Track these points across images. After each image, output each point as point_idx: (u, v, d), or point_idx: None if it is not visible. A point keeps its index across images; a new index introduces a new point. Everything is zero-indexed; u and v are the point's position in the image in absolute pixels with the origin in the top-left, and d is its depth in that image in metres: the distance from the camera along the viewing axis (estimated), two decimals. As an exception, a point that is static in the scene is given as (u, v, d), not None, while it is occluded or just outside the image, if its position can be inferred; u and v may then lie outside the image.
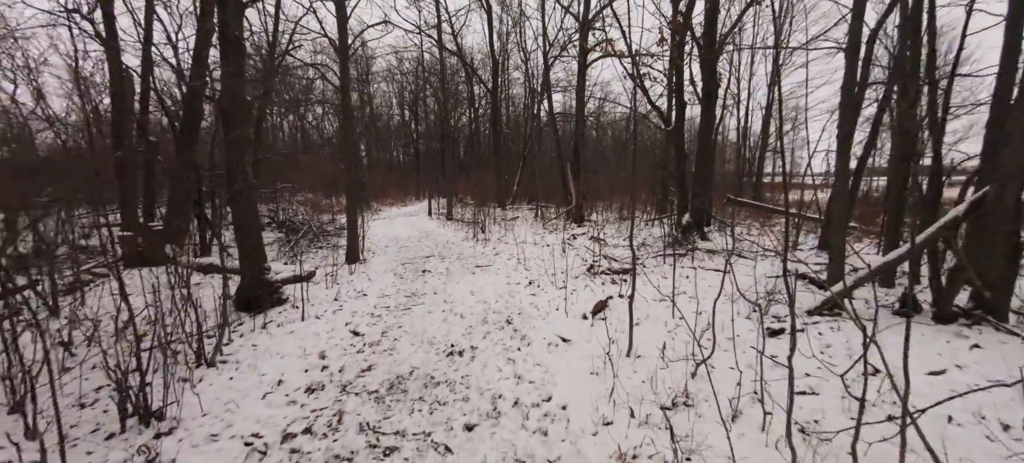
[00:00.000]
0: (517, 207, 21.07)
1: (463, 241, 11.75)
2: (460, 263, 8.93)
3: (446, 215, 16.61)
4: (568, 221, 14.88)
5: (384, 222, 16.86)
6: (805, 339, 4.31)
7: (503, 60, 23.63)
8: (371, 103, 33.39)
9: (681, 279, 7.26)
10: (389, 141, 38.00)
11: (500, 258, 9.34)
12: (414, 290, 6.90)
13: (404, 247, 11.05)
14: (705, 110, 9.51)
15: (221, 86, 5.61)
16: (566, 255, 9.52)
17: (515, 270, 8.14)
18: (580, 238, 11.82)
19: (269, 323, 5.16)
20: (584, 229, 13.29)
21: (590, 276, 7.45)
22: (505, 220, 16.24)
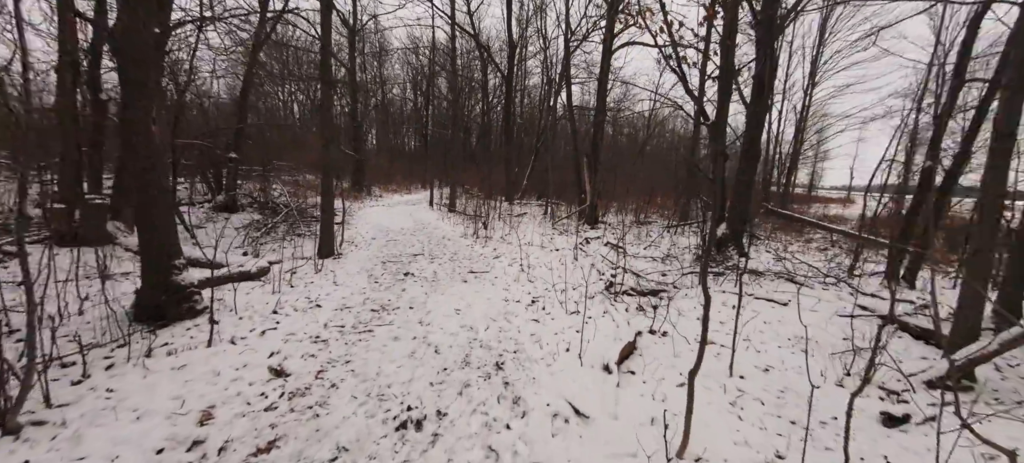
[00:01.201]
0: (525, 202, 19.41)
1: (461, 238, 10.14)
2: (452, 266, 7.32)
3: (448, 206, 15.01)
4: (580, 221, 13.20)
5: (382, 209, 15.32)
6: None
7: (521, 47, 21.87)
8: (383, 86, 31.88)
9: (723, 307, 5.58)
10: (401, 127, 36.46)
11: (500, 263, 7.71)
12: (386, 302, 5.31)
13: (393, 240, 9.47)
14: (756, 99, 7.75)
15: (116, 16, 4.02)
16: (578, 264, 7.86)
17: (516, 281, 6.50)
18: (594, 243, 10.14)
19: (161, 347, 3.60)
20: (598, 232, 11.60)
21: (609, 296, 5.79)
22: (511, 216, 14.60)
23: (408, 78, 32.33)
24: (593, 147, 13.20)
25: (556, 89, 20.24)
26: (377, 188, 20.96)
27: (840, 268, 7.85)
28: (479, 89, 25.47)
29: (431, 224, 12.14)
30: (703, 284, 2.73)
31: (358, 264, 7.09)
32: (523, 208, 17.33)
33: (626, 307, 5.40)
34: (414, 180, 24.85)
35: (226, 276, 5.50)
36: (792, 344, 4.48)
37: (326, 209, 7.27)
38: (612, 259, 8.16)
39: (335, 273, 6.46)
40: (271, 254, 7.44)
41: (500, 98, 26.65)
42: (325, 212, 7.28)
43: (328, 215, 7.28)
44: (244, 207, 11.70)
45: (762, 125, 7.97)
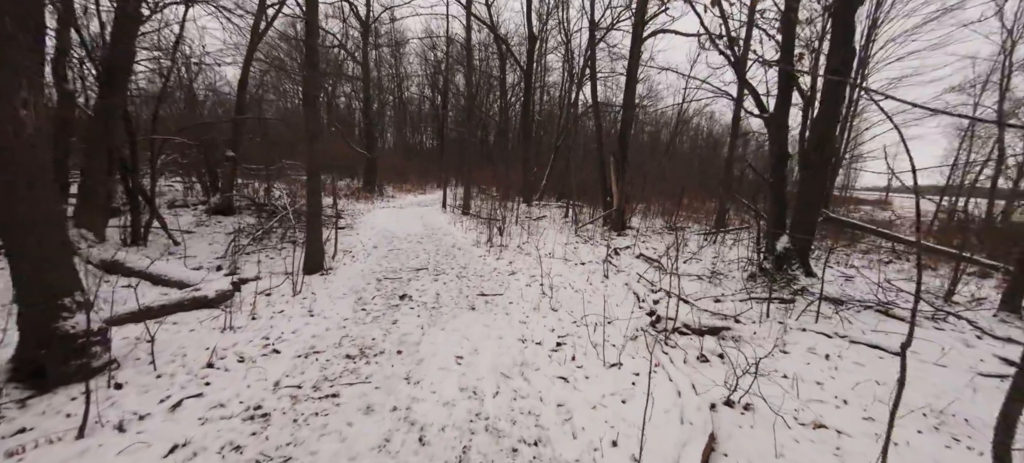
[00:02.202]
0: (544, 204, 18.02)
1: (473, 247, 8.83)
2: (459, 286, 6.02)
3: (462, 208, 13.75)
4: (605, 227, 11.77)
5: (392, 211, 14.15)
6: None
7: (541, 41, 20.44)
8: (401, 84, 30.87)
9: (813, 356, 4.12)
10: (420, 125, 35.43)
11: (517, 281, 6.38)
12: (368, 342, 4.03)
13: (395, 250, 8.23)
14: (830, 85, 6.19)
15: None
16: (610, 283, 6.47)
17: (536, 309, 5.15)
18: (624, 254, 8.72)
19: (11, 437, 2.38)
20: (627, 241, 10.16)
21: (657, 336, 4.39)
22: (530, 219, 13.25)
23: (426, 75, 31.22)
24: (620, 146, 11.73)
25: (578, 83, 18.79)
26: (390, 188, 19.87)
27: (935, 294, 6.25)
28: (497, 86, 24.15)
29: (441, 229, 10.88)
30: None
31: (348, 283, 5.85)
32: (542, 210, 15.97)
33: (683, 354, 3.99)
34: (430, 179, 23.72)
35: (172, 305, 4.31)
36: (937, 425, 3.02)
37: (312, 217, 6.06)
38: (651, 278, 6.74)
39: (316, 297, 5.22)
40: (254, 267, 6.27)
41: (519, 95, 25.29)
42: (311, 220, 6.07)
43: (315, 224, 6.06)
44: (241, 209, 10.66)
45: (837, 118, 6.41)
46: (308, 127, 5.89)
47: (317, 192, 6.02)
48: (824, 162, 6.52)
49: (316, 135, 5.86)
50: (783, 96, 6.99)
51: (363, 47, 17.79)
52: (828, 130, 6.43)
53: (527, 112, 17.77)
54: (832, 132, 6.43)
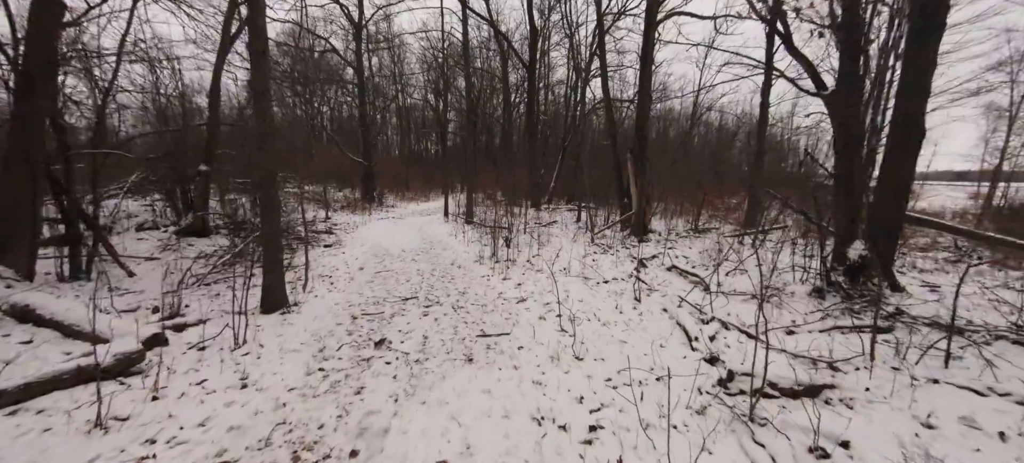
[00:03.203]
0: (554, 207, 16.61)
1: (475, 264, 7.46)
2: (455, 322, 4.65)
3: (466, 217, 12.40)
4: (625, 232, 10.34)
5: (390, 223, 12.84)
6: None
7: (544, 36, 19.06)
8: (403, 89, 29.67)
9: (969, 431, 2.69)
10: (423, 132, 34.18)
11: (528, 311, 4.99)
12: (310, 438, 2.67)
13: (384, 272, 6.88)
14: (919, 45, 4.73)
15: None
16: (645, 311, 5.05)
17: (555, 360, 3.74)
18: (653, 266, 7.29)
19: None
20: (652, 248, 8.73)
21: (733, 406, 2.97)
22: (539, 226, 11.86)
23: (428, 79, 29.99)
24: (638, 141, 10.29)
25: (585, 78, 17.37)
26: (391, 197, 18.60)
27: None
28: (500, 84, 22.82)
29: (441, 242, 9.53)
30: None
31: (312, 325, 4.51)
32: (552, 214, 14.56)
33: (788, 447, 2.56)
34: (433, 186, 22.43)
35: (42, 382, 3.00)
36: None
37: (268, 243, 4.73)
38: (694, 300, 5.30)
39: (263, 349, 3.88)
40: (209, 303, 4.96)
41: (522, 96, 23.95)
42: (267, 247, 4.74)
43: (271, 251, 4.73)
44: (218, 229, 9.42)
45: (928, 87, 4.92)
46: (257, 128, 4.57)
47: (273, 211, 4.69)
48: (912, 145, 5.05)
49: (266, 138, 4.53)
50: (848, 67, 5.53)
51: (357, 51, 16.56)
52: (917, 103, 4.95)
53: (532, 111, 16.39)
54: (922, 106, 4.95)
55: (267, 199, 4.69)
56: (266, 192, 4.68)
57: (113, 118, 8.59)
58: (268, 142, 4.59)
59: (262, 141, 4.57)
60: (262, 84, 4.55)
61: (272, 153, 4.66)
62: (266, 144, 4.58)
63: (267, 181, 4.65)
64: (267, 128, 4.59)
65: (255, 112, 4.57)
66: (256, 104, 4.56)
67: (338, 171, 16.98)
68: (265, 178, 4.64)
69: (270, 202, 4.69)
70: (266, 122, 4.58)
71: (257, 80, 4.54)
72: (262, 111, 4.56)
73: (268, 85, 4.63)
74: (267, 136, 4.57)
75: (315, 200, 14.24)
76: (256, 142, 4.58)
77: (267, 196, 4.69)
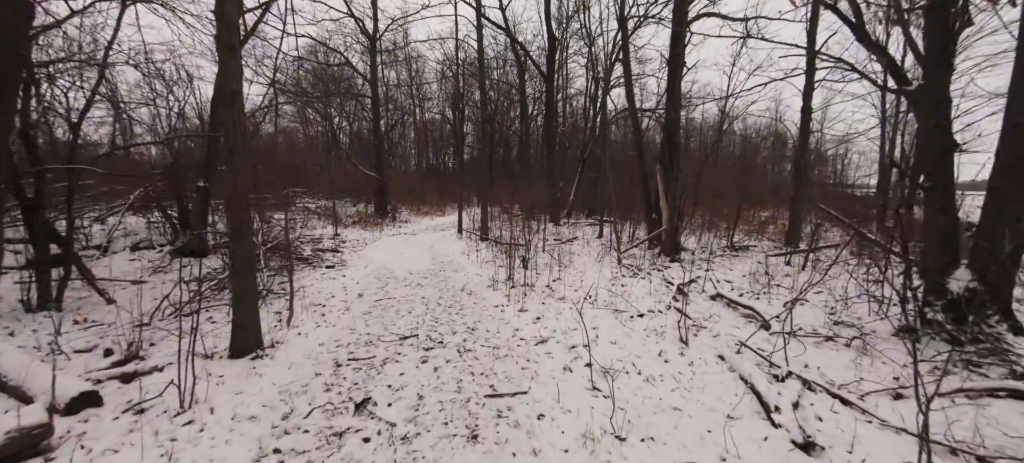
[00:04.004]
0: (574, 222, 15.61)
1: (488, 290, 6.52)
2: (458, 372, 3.70)
3: (480, 233, 11.51)
4: (655, 251, 9.26)
5: (401, 239, 12.04)
6: None
7: (561, 49, 18.27)
8: (421, 103, 29.28)
9: None
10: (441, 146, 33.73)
11: (550, 358, 4.01)
12: None
13: (385, 300, 6.00)
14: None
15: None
16: (692, 352, 4.01)
17: (588, 442, 2.73)
18: (693, 293, 6.21)
19: None
20: (689, 270, 7.64)
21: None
22: (560, 242, 10.88)
23: (446, 93, 29.52)
24: (668, 151, 9.25)
25: (605, 86, 16.44)
26: (405, 211, 17.89)
27: None
28: (516, 96, 22.10)
29: (452, 262, 8.64)
30: None
31: (285, 375, 3.62)
32: (572, 230, 13.57)
33: None
34: (449, 200, 21.70)
35: None
36: None
37: (237, 271, 3.90)
38: (755, 344, 4.23)
39: (212, 416, 3.01)
40: (186, 339, 4.16)
41: (540, 107, 23.18)
42: (236, 277, 3.90)
43: (241, 281, 3.89)
44: (217, 249, 8.75)
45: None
46: (227, 139, 3.77)
47: (243, 237, 3.86)
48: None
49: (236, 150, 3.72)
50: (938, 54, 4.45)
51: (371, 63, 16.06)
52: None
53: (550, 122, 15.51)
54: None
55: (236, 223, 3.87)
56: (235, 214, 3.86)
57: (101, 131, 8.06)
58: (239, 155, 3.78)
59: (232, 154, 3.76)
60: (233, 84, 3.76)
61: (244, 168, 3.85)
62: (237, 157, 3.77)
63: (236, 201, 3.83)
64: (239, 138, 3.78)
65: (227, 119, 3.77)
66: (226, 109, 3.77)
67: (352, 186, 16.39)
68: (233, 197, 3.82)
69: (239, 227, 3.86)
70: (238, 131, 3.78)
71: (226, 80, 3.75)
72: (233, 118, 3.76)
73: (240, 87, 3.83)
74: (238, 148, 3.77)
75: (326, 216, 13.59)
76: (226, 155, 3.78)
77: (236, 219, 3.86)
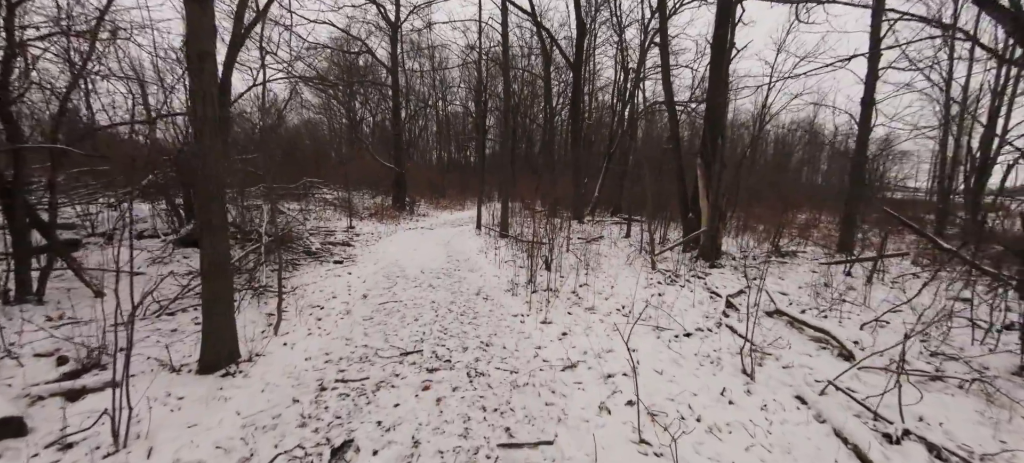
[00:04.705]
0: (599, 219, 14.66)
1: (507, 294, 5.73)
2: (466, 404, 2.93)
3: (500, 230, 10.73)
4: (692, 254, 8.28)
5: (417, 234, 11.38)
6: None
7: (591, 34, 17.24)
8: (445, 93, 28.68)
9: None
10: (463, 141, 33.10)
11: (580, 390, 3.19)
12: None
13: (391, 303, 5.29)
14: None
15: None
16: (761, 391, 3.11)
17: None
18: (742, 304, 5.25)
19: None
20: (731, 278, 6.68)
21: None
22: (584, 241, 10.01)
23: (469, 86, 28.78)
24: (709, 144, 8.23)
25: (636, 77, 15.38)
26: (424, 204, 17.28)
27: None
28: (541, 88, 21.18)
29: (469, 261, 7.88)
30: None
31: (256, 401, 2.93)
32: (597, 228, 12.65)
33: None
34: (469, 194, 21.02)
35: None
36: None
37: (208, 271, 3.22)
38: (844, 383, 3.30)
39: (151, 457, 2.32)
40: (164, 341, 3.55)
41: (566, 95, 22.16)
42: (207, 278, 3.23)
43: (213, 283, 3.22)
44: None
45: None
46: (195, 114, 3.08)
47: (214, 233, 3.18)
48: None
49: (203, 124, 3.03)
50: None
51: (392, 51, 15.43)
52: None
53: (576, 114, 14.56)
54: None
55: (206, 214, 3.18)
56: (205, 204, 3.17)
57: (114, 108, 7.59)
58: (210, 133, 3.09)
59: (200, 130, 3.08)
60: (202, 43, 3.06)
61: (215, 147, 3.16)
62: (206, 135, 3.08)
63: (207, 188, 3.14)
64: (209, 111, 3.09)
65: (192, 91, 3.08)
66: (193, 75, 3.08)
67: (370, 177, 15.86)
68: (203, 184, 3.14)
69: (210, 218, 3.17)
70: (207, 102, 3.08)
71: (193, 38, 3.05)
72: (201, 86, 3.07)
73: (211, 48, 3.13)
74: (207, 123, 3.07)
75: (343, 207, 13.06)
76: (198, 133, 3.09)
77: (206, 210, 3.18)
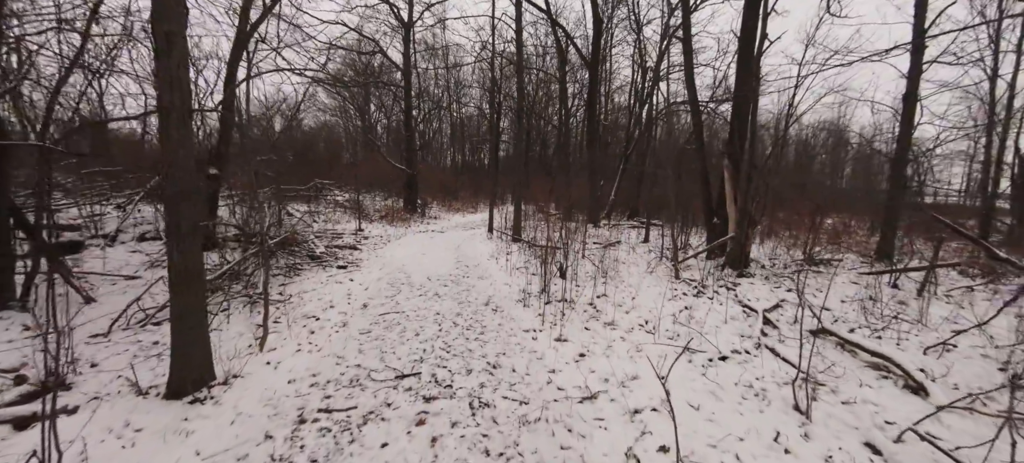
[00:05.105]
0: (615, 223, 14.06)
1: (518, 306, 5.24)
2: (466, 445, 2.45)
3: (512, 234, 10.25)
4: (717, 262, 7.65)
5: (426, 237, 10.98)
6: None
7: (607, 30, 16.68)
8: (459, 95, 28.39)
9: None
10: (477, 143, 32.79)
11: (602, 428, 2.67)
12: None
13: (393, 313, 4.85)
14: None
15: None
16: (818, 428, 2.53)
17: None
18: (782, 322, 4.66)
19: None
20: (762, 288, 6.07)
21: None
22: (601, 246, 9.45)
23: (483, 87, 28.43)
24: (736, 143, 7.61)
25: (655, 76, 14.76)
26: (436, 206, 16.92)
27: None
28: (556, 89, 20.70)
29: (479, 267, 7.42)
30: None
31: (223, 435, 2.50)
32: (612, 232, 12.08)
33: None
34: (482, 196, 20.61)
35: None
36: None
37: (176, 282, 2.81)
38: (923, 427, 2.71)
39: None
40: (146, 351, 3.18)
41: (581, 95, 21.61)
42: (176, 290, 2.82)
43: (183, 296, 2.82)
44: (227, 241, 7.95)
45: None
46: (162, 101, 2.68)
47: (185, 236, 2.77)
48: None
49: (170, 113, 2.63)
50: None
51: (405, 51, 15.12)
52: None
53: (593, 113, 14.01)
54: None
55: (174, 216, 2.77)
56: (173, 205, 2.77)
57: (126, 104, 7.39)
58: (177, 123, 2.69)
59: (166, 120, 2.67)
60: (168, 23, 2.65)
61: (185, 139, 2.75)
62: (173, 125, 2.67)
63: (174, 187, 2.74)
64: (177, 99, 2.69)
65: (157, 74, 2.68)
66: (158, 60, 2.68)
67: (382, 179, 15.57)
68: (169, 182, 2.73)
69: (177, 224, 2.77)
70: (175, 88, 2.68)
71: (158, 17, 2.65)
72: (168, 69, 2.66)
73: (180, 27, 2.73)
74: (174, 112, 2.67)
75: (351, 209, 12.76)
76: (162, 122, 2.69)
77: (174, 211, 2.77)
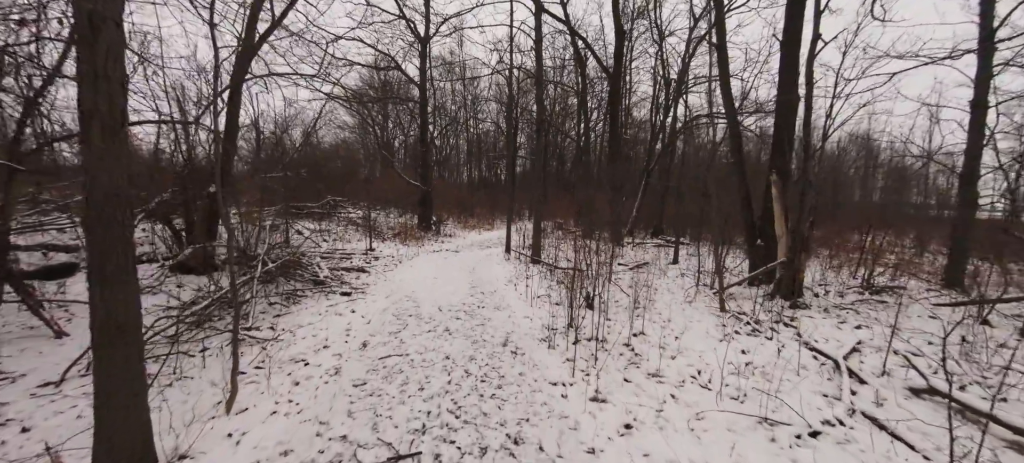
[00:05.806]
0: (639, 242, 13.14)
1: (541, 346, 4.42)
2: None
3: (531, 255, 9.46)
4: (765, 290, 6.69)
5: (441, 257, 10.28)
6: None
7: (630, 41, 16.00)
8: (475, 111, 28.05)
9: None
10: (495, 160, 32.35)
11: None
12: None
13: (393, 359, 4.10)
14: None
15: None
16: None
17: None
18: (869, 375, 3.72)
19: None
20: (824, 322, 5.11)
21: None
22: (628, 268, 8.59)
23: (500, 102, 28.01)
24: (785, 154, 6.70)
25: (680, 87, 13.95)
26: (451, 223, 16.28)
27: None
28: (574, 103, 20.06)
29: (495, 294, 6.64)
30: None
31: None
32: (637, 252, 11.18)
33: None
34: (498, 213, 19.93)
35: None
36: None
37: (102, 339, 2.13)
38: None
39: None
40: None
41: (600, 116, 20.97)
42: (99, 349, 2.14)
43: (108, 360, 2.13)
44: (223, 265, 7.38)
45: None
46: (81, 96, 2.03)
47: (110, 278, 2.10)
48: None
49: (92, 116, 1.98)
50: None
51: (421, 66, 14.72)
52: None
53: (615, 126, 13.22)
54: None
55: (99, 256, 2.09)
56: (94, 232, 2.09)
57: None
58: (101, 128, 2.03)
59: (87, 124, 2.02)
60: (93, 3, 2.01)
61: (116, 151, 2.09)
62: (94, 132, 2.02)
63: (97, 211, 2.06)
64: (101, 107, 2.03)
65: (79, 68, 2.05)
66: (81, 48, 2.05)
67: (396, 196, 15.05)
68: (92, 203, 2.06)
69: (102, 264, 2.09)
70: (100, 92, 2.03)
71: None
72: (94, 61, 2.02)
73: (114, 13, 2.08)
74: (98, 115, 2.02)
75: (364, 227, 12.20)
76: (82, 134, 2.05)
77: (102, 239, 2.09)
